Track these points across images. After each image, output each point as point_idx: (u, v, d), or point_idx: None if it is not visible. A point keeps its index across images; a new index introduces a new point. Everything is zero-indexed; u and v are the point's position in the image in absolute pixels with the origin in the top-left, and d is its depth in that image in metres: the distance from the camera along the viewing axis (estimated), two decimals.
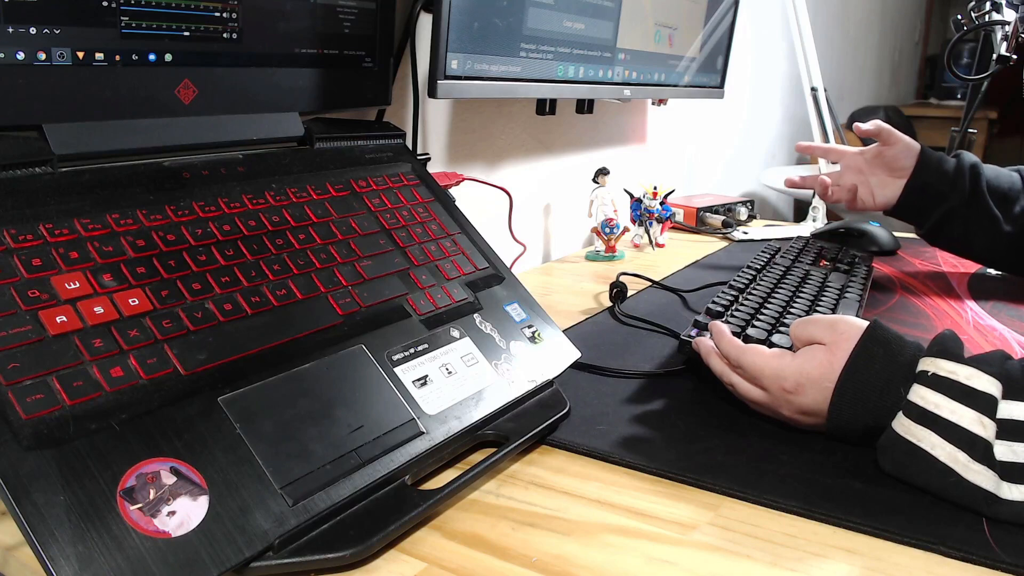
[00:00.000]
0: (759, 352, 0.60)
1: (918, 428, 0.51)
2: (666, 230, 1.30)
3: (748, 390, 0.60)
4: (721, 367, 0.63)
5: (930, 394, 0.51)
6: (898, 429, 0.52)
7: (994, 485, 0.48)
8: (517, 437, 0.56)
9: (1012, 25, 1.11)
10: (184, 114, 0.60)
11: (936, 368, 0.52)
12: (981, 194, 0.97)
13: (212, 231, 0.55)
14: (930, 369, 0.52)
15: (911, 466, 0.51)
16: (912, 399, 0.52)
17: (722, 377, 0.63)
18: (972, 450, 0.48)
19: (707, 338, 0.67)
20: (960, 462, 0.49)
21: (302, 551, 0.43)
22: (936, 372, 0.52)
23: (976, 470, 0.48)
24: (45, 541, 0.36)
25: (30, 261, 0.45)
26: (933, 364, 0.52)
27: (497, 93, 0.88)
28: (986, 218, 0.97)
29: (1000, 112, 3.69)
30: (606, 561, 0.45)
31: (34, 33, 0.51)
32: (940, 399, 0.50)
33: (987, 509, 0.48)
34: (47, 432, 0.39)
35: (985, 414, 0.49)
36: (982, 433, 0.49)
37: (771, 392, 0.58)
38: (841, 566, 0.45)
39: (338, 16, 0.70)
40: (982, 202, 0.97)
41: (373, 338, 0.55)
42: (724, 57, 1.39)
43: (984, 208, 0.97)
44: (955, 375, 0.51)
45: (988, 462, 0.48)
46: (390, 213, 0.67)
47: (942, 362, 0.52)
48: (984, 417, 0.49)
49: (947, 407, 0.50)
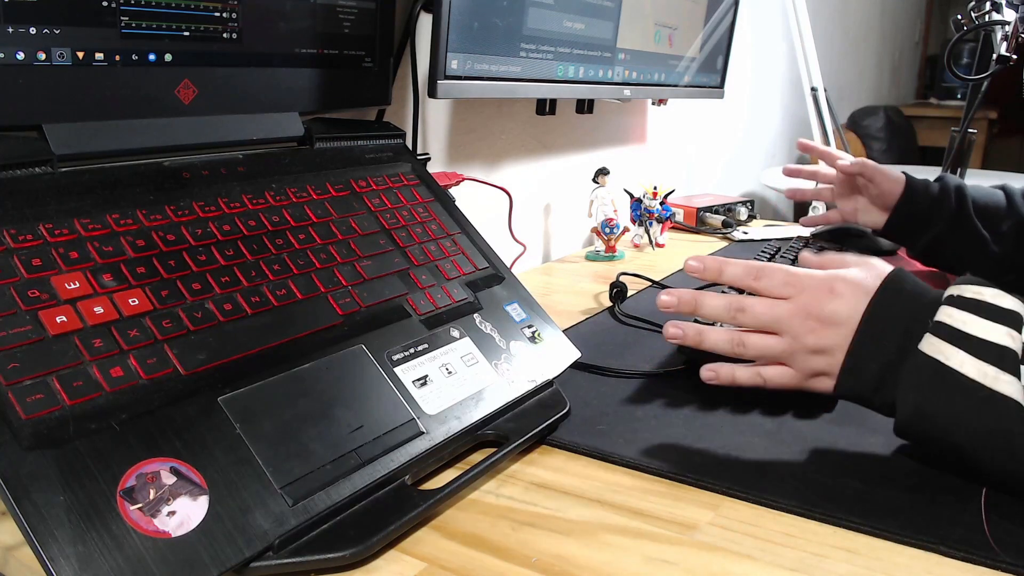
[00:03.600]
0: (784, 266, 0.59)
1: (947, 346, 0.51)
2: (666, 230, 1.30)
3: (771, 306, 0.57)
4: (726, 334, 0.59)
5: (959, 313, 0.52)
6: (926, 349, 0.51)
7: (1022, 395, 0.48)
8: (517, 437, 0.56)
9: (1012, 25, 1.11)
10: (184, 114, 0.60)
11: (962, 292, 0.53)
12: (968, 217, 0.98)
13: (212, 231, 0.55)
14: (956, 292, 0.53)
15: (938, 389, 0.50)
16: (940, 319, 0.52)
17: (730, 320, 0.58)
18: (1002, 363, 0.49)
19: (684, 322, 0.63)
20: (989, 376, 0.49)
21: (302, 551, 0.43)
22: (963, 295, 0.53)
23: (1006, 380, 0.48)
24: (45, 541, 0.36)
25: (30, 261, 0.45)
26: (959, 289, 0.53)
27: (497, 93, 0.88)
28: (975, 240, 0.98)
29: (1000, 112, 3.69)
30: (606, 561, 0.45)
31: (34, 33, 0.51)
32: (968, 317, 0.51)
33: (1019, 426, 0.47)
34: (47, 432, 0.39)
35: (1014, 328, 0.50)
36: (1011, 345, 0.49)
37: (802, 297, 0.56)
38: (841, 566, 0.45)
39: (338, 16, 0.70)
40: (969, 225, 0.98)
41: (373, 338, 0.55)
42: (724, 57, 1.39)
43: (972, 230, 0.98)
44: (982, 295, 0.52)
45: (1016, 373, 0.49)
46: (390, 213, 0.67)
47: (967, 287, 0.53)
48: (1012, 331, 0.50)
49: (976, 324, 0.51)
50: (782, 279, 0.58)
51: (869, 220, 1.04)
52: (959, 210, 0.98)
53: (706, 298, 0.60)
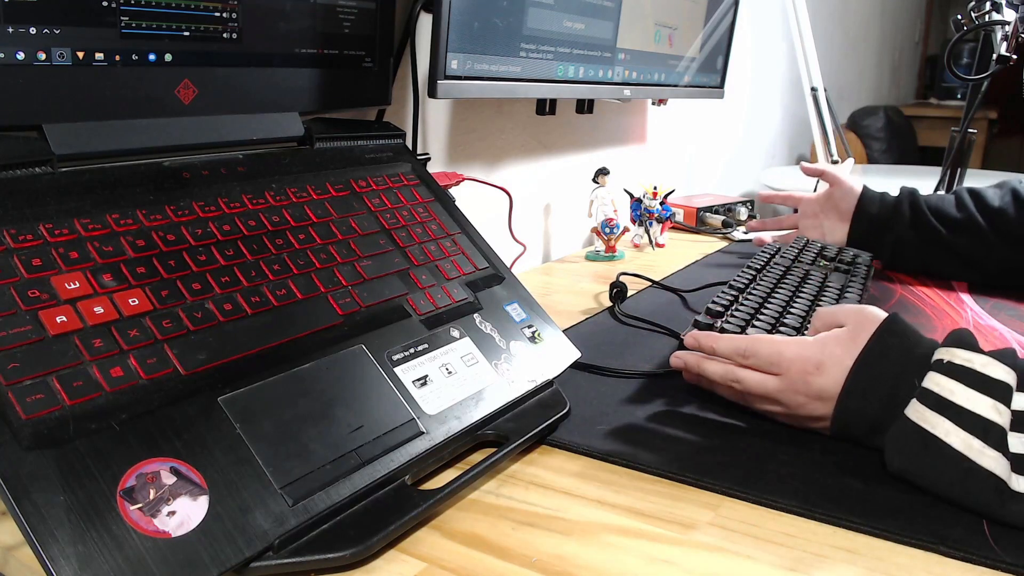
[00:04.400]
0: (772, 338, 0.60)
1: (932, 415, 0.50)
2: (666, 230, 1.30)
3: (761, 381, 0.59)
4: (723, 368, 0.61)
5: (946, 381, 0.51)
6: (912, 416, 0.51)
7: (1006, 474, 0.47)
8: (517, 437, 0.56)
9: (1012, 25, 1.12)
10: (184, 114, 0.60)
11: (952, 357, 0.52)
12: (922, 214, 1.03)
13: (212, 231, 0.55)
14: (946, 358, 0.52)
15: (922, 456, 0.50)
16: (927, 386, 0.52)
17: (726, 377, 0.61)
18: (987, 436, 0.48)
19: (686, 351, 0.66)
20: (975, 448, 0.48)
21: (302, 551, 0.43)
22: (952, 360, 0.52)
23: (991, 456, 0.48)
24: (45, 541, 0.36)
25: (30, 261, 0.45)
26: (949, 353, 0.52)
27: (497, 93, 0.88)
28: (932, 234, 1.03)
29: (1000, 112, 3.69)
30: (606, 561, 0.45)
31: (34, 33, 0.51)
32: (956, 386, 0.50)
33: (997, 502, 0.47)
34: (47, 432, 0.39)
35: (1001, 401, 0.49)
36: (998, 420, 0.48)
37: (789, 375, 0.57)
38: (841, 566, 0.45)
39: (338, 16, 0.70)
40: (924, 220, 1.03)
41: (373, 338, 0.55)
42: (724, 57, 1.39)
43: (928, 226, 1.03)
44: (971, 363, 0.51)
45: (1002, 449, 0.48)
46: (390, 213, 0.67)
47: (958, 351, 0.52)
48: (1000, 404, 0.49)
49: (963, 394, 0.50)
50: (767, 358, 0.59)
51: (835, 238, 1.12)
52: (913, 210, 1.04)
53: (708, 365, 0.63)
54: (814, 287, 0.88)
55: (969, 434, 0.49)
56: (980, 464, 0.48)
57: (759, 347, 0.59)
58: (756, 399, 0.60)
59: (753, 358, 0.60)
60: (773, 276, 0.90)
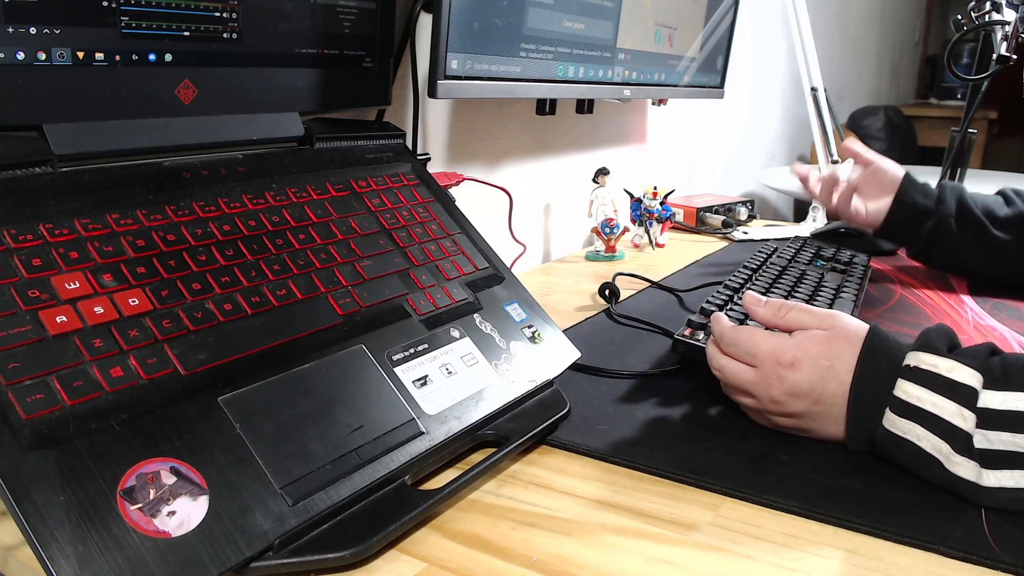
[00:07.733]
0: (752, 329, 0.60)
1: (903, 422, 0.52)
2: (666, 230, 1.30)
3: (737, 370, 0.59)
4: (712, 350, 0.62)
5: (912, 388, 0.52)
6: (887, 425, 0.53)
7: (976, 475, 0.49)
8: (517, 437, 0.56)
9: (1012, 25, 1.12)
10: (184, 114, 0.60)
11: (918, 362, 0.53)
12: (967, 207, 0.99)
13: (212, 231, 0.55)
14: (912, 363, 0.53)
15: (900, 456, 0.53)
16: (896, 394, 0.53)
17: (711, 361, 0.62)
18: (954, 441, 0.50)
19: None
20: (943, 452, 0.50)
21: (302, 551, 0.43)
22: (918, 366, 0.53)
23: (958, 461, 0.49)
24: (45, 541, 0.36)
25: (30, 261, 0.45)
26: (916, 358, 0.53)
27: (497, 93, 0.88)
28: (976, 227, 0.98)
29: (1000, 112, 3.69)
30: (606, 561, 0.45)
31: (34, 33, 0.51)
32: (922, 392, 0.52)
33: (971, 497, 0.49)
34: (47, 432, 0.39)
35: (965, 406, 0.50)
36: (963, 425, 0.50)
37: (764, 368, 0.58)
38: (841, 566, 0.45)
39: (338, 16, 0.70)
40: (969, 213, 0.99)
41: (373, 338, 0.55)
42: (724, 57, 1.39)
43: (973, 219, 0.99)
44: (936, 368, 0.52)
45: (968, 453, 0.49)
46: (390, 213, 0.67)
47: (924, 355, 0.53)
48: (964, 409, 0.50)
49: (929, 400, 0.51)
50: (745, 348, 0.59)
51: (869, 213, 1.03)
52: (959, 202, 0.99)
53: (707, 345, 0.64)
54: (810, 287, 0.88)
55: (939, 438, 0.50)
56: (949, 469, 0.50)
57: (739, 336, 0.60)
58: (732, 389, 0.61)
59: (732, 346, 0.60)
60: (769, 276, 0.90)
